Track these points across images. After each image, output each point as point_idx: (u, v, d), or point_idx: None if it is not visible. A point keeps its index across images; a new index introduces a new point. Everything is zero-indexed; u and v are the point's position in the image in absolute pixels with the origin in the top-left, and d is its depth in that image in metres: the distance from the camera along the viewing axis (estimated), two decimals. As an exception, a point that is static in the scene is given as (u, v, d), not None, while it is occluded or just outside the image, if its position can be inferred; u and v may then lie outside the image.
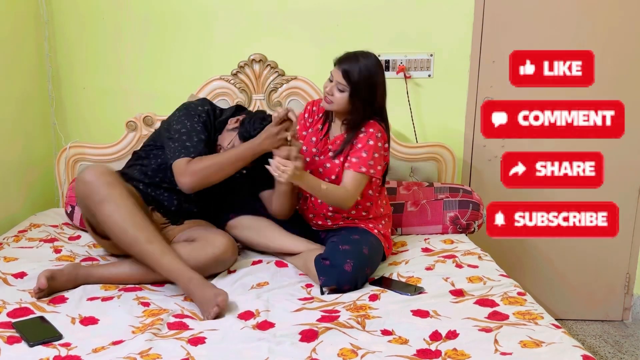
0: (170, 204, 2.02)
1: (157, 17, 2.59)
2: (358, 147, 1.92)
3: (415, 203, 2.35)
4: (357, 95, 1.88)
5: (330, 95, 1.91)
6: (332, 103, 1.91)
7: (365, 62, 1.88)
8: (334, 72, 1.91)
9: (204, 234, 1.91)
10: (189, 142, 1.89)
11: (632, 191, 2.71)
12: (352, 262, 1.78)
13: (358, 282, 1.79)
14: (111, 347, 1.39)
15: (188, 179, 1.83)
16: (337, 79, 1.88)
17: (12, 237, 2.15)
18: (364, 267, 1.83)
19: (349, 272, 1.76)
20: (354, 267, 1.77)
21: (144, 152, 2.08)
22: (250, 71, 2.52)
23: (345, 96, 1.88)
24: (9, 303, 1.62)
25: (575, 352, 1.34)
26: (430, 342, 1.42)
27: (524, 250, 2.80)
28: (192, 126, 1.93)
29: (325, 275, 1.77)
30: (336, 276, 1.76)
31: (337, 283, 1.75)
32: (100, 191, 1.72)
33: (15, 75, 2.44)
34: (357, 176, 1.90)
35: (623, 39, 2.55)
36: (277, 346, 1.40)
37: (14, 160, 2.42)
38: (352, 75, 1.85)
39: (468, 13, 2.56)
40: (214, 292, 1.61)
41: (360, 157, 1.91)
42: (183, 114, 1.98)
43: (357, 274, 1.78)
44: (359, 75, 1.85)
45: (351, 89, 1.87)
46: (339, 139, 2.00)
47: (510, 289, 1.75)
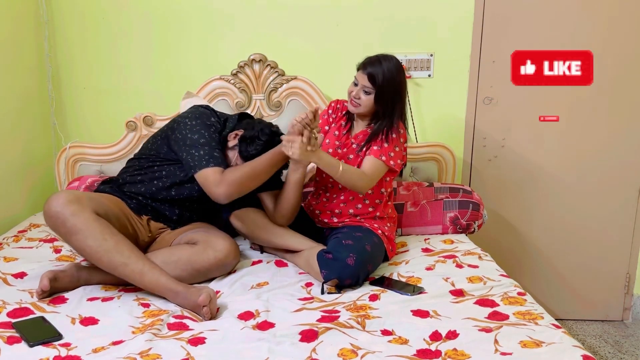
0: (172, 214, 2.01)
1: (157, 17, 2.59)
2: (381, 139, 1.99)
3: (415, 203, 2.35)
4: (382, 97, 1.95)
5: (357, 98, 1.98)
6: (359, 106, 1.99)
7: (388, 64, 1.95)
8: (358, 77, 1.97)
9: (205, 237, 1.89)
10: (216, 153, 1.88)
11: (632, 191, 2.71)
12: (354, 256, 1.79)
13: (360, 277, 1.80)
14: (111, 347, 1.39)
15: (224, 189, 1.83)
16: (363, 83, 1.95)
17: (12, 237, 2.16)
18: (366, 263, 1.84)
19: (352, 266, 1.77)
20: (356, 262, 1.78)
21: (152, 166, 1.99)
22: (250, 71, 2.52)
23: (371, 99, 1.96)
24: (9, 303, 1.62)
25: (575, 352, 1.34)
26: (430, 342, 1.42)
27: (524, 250, 2.80)
28: (210, 137, 1.92)
29: (327, 269, 1.78)
30: (338, 269, 1.77)
31: (339, 276, 1.76)
32: (66, 223, 1.66)
33: (15, 75, 2.44)
34: (376, 163, 1.96)
35: (623, 39, 2.55)
36: (277, 346, 1.40)
37: (14, 160, 2.42)
38: (377, 78, 1.92)
39: (468, 13, 2.56)
40: (197, 295, 1.60)
41: (382, 146, 1.98)
42: (199, 124, 1.93)
43: (359, 269, 1.79)
44: (384, 78, 1.93)
45: (377, 92, 1.94)
46: (362, 134, 2.06)
47: (510, 289, 1.75)
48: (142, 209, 1.96)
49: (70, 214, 1.65)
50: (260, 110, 2.55)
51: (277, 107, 2.55)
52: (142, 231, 1.95)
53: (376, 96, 1.95)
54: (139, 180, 1.97)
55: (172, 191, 1.95)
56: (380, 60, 1.96)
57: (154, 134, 2.09)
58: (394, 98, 1.97)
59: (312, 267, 1.85)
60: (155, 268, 1.70)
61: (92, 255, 1.68)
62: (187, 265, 1.79)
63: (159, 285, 1.68)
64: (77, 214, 1.66)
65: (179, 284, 1.68)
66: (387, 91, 1.94)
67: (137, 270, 1.67)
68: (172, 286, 1.67)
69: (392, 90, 1.95)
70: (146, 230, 1.96)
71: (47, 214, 1.69)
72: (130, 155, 2.52)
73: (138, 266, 1.67)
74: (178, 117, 2.00)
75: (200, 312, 1.58)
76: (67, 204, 1.67)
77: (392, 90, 1.95)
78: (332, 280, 1.76)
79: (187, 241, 1.91)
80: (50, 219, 1.69)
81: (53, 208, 1.67)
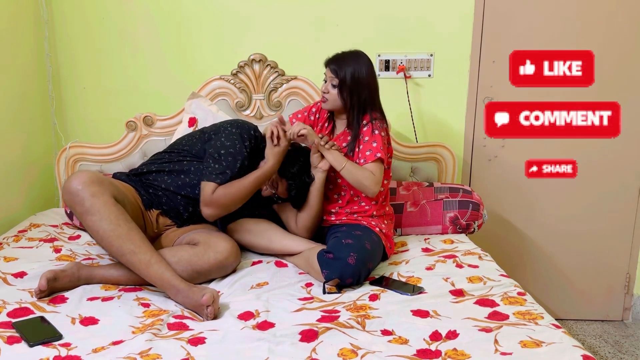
0: (185, 211, 2.02)
1: (157, 17, 2.59)
2: (366, 140, 2.00)
3: (415, 203, 2.35)
4: (345, 88, 1.99)
5: (325, 93, 2.04)
6: (327, 101, 2.05)
7: (351, 57, 2.03)
8: (326, 73, 2.05)
9: (206, 238, 1.89)
10: (229, 170, 1.92)
11: (632, 191, 2.71)
12: (355, 255, 1.80)
13: (361, 275, 1.81)
14: (111, 347, 1.39)
15: (211, 211, 1.92)
16: (329, 76, 2.03)
17: (12, 237, 2.16)
18: (367, 262, 1.84)
19: (352, 265, 1.78)
20: (357, 260, 1.79)
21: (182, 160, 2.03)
22: (250, 71, 2.53)
23: (336, 91, 2.01)
24: (9, 303, 1.62)
25: (575, 352, 1.34)
26: (430, 342, 1.42)
27: (524, 250, 2.80)
28: (237, 151, 1.95)
29: (328, 269, 1.78)
30: (339, 269, 1.77)
31: (340, 276, 1.76)
32: (84, 203, 1.68)
33: (15, 75, 2.44)
34: (376, 163, 1.98)
35: (623, 39, 2.55)
36: (277, 346, 1.40)
37: (13, 160, 2.42)
38: (339, 71, 2.00)
39: (468, 13, 2.56)
40: (200, 294, 1.60)
41: (372, 147, 1.99)
42: (236, 133, 1.97)
43: (360, 268, 1.79)
44: (346, 70, 1.99)
45: (339, 83, 1.99)
46: (341, 136, 2.08)
47: (510, 289, 1.75)
48: (154, 202, 1.98)
49: (90, 195, 1.68)
50: (260, 110, 2.55)
51: (277, 107, 2.55)
52: (150, 225, 1.96)
53: (339, 87, 1.99)
54: (167, 171, 2.01)
55: (197, 189, 1.97)
56: (344, 54, 2.04)
57: (190, 133, 2.15)
58: (359, 90, 2.00)
59: (313, 267, 1.85)
60: (161, 262, 1.71)
61: (103, 238, 1.69)
62: (187, 266, 1.79)
63: (162, 280, 1.68)
64: (96, 196, 1.68)
65: (182, 282, 1.69)
66: (350, 83, 1.98)
67: (144, 260, 1.69)
68: (175, 283, 1.67)
69: (356, 82, 1.99)
70: (154, 225, 1.98)
71: (66, 189, 1.72)
72: (131, 155, 2.53)
73: (146, 257, 1.69)
74: (221, 123, 2.06)
75: (202, 312, 1.58)
76: (89, 184, 1.69)
77: (355, 82, 1.99)
78: (334, 280, 1.77)
79: (189, 241, 1.92)
80: (70, 195, 1.71)
81: (74, 186, 1.69)
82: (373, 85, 2.04)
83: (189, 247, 1.86)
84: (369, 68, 2.03)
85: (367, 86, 2.01)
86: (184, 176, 2.00)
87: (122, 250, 1.68)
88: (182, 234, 1.98)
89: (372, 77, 2.04)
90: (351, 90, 1.99)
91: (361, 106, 2.02)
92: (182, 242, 1.93)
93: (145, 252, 1.69)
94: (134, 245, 1.69)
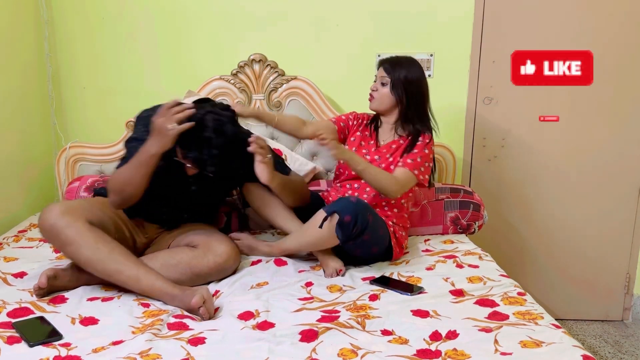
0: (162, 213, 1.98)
1: (157, 17, 2.59)
2: (414, 152, 2.02)
3: (416, 203, 2.35)
4: (397, 87, 2.01)
5: (374, 91, 2.06)
6: (374, 99, 2.06)
7: (406, 59, 2.06)
8: (378, 72, 2.07)
9: (205, 241, 1.87)
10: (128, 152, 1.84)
11: (632, 191, 2.71)
12: (357, 200, 1.82)
13: (358, 219, 1.78)
14: (111, 347, 1.39)
15: (109, 198, 1.80)
16: (380, 75, 2.06)
17: (12, 237, 2.16)
18: (366, 213, 1.82)
19: (353, 203, 1.80)
20: (358, 202, 1.81)
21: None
22: (250, 71, 2.52)
23: (387, 90, 2.03)
24: (9, 303, 1.62)
25: (575, 352, 1.34)
26: (430, 342, 1.42)
27: (524, 250, 2.80)
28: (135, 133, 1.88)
29: (329, 207, 1.81)
30: (340, 205, 1.79)
31: (340, 209, 1.78)
32: (59, 236, 1.67)
33: (15, 75, 2.44)
34: (409, 174, 2.00)
35: (623, 39, 2.55)
36: (277, 346, 1.40)
37: (13, 160, 2.42)
38: (392, 68, 2.02)
39: (468, 13, 2.56)
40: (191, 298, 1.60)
41: (415, 160, 2.01)
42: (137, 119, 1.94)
43: (358, 210, 1.79)
44: (400, 69, 2.01)
45: (392, 81, 2.01)
46: (394, 144, 2.08)
47: (510, 289, 1.75)
48: (133, 212, 1.95)
49: (64, 226, 1.66)
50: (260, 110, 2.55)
51: (277, 107, 2.55)
52: (139, 233, 1.94)
53: (391, 86, 2.01)
54: None
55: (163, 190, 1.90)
56: (398, 56, 2.08)
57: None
58: (411, 91, 2.01)
59: (313, 223, 1.83)
60: (150, 272, 1.70)
61: (87, 264, 1.69)
62: (186, 269, 1.78)
63: (154, 290, 1.68)
64: (70, 225, 1.67)
65: (175, 287, 1.68)
66: (403, 82, 2.00)
67: (132, 276, 1.68)
68: (168, 290, 1.67)
69: (408, 82, 2.01)
70: (142, 232, 1.96)
71: (42, 227, 1.70)
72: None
73: (132, 272, 1.68)
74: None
75: (197, 314, 1.58)
76: (60, 216, 1.68)
77: (407, 82, 2.01)
78: (333, 215, 1.77)
79: (187, 243, 1.90)
80: (46, 232, 1.70)
81: (47, 222, 1.68)
82: (426, 92, 2.06)
83: (188, 250, 1.85)
84: (423, 74, 2.05)
85: (419, 90, 2.04)
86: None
87: (108, 272, 1.68)
88: (177, 236, 1.96)
89: (425, 85, 2.05)
90: (405, 88, 2.01)
91: (416, 106, 2.03)
92: (181, 244, 1.92)
93: (131, 268, 1.68)
94: (118, 264, 1.67)
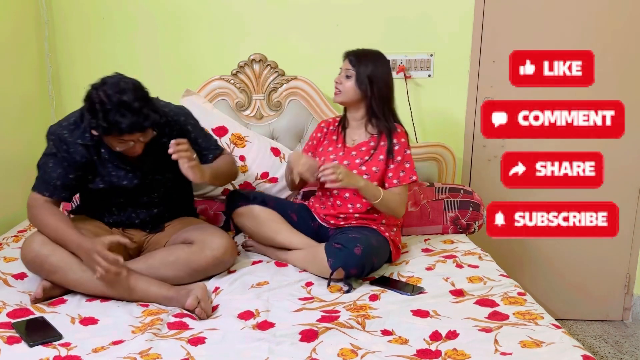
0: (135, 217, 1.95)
1: (157, 17, 2.59)
2: (398, 160, 2.00)
3: (416, 203, 2.35)
4: (362, 80, 1.97)
5: (338, 84, 2.03)
6: (340, 92, 2.02)
7: (372, 52, 2.04)
8: (343, 64, 2.04)
9: (201, 236, 1.87)
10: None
11: (632, 191, 2.71)
12: (361, 247, 1.81)
13: (365, 267, 1.81)
14: (111, 347, 1.39)
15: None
16: (345, 67, 2.02)
17: (12, 237, 2.16)
18: (372, 255, 1.85)
19: (358, 255, 1.78)
20: (363, 252, 1.80)
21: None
22: (250, 71, 2.52)
23: (352, 83, 1.99)
24: (9, 304, 1.62)
25: (575, 352, 1.34)
26: (430, 342, 1.42)
27: (524, 250, 2.80)
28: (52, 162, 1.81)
29: (334, 257, 1.78)
30: (344, 258, 1.77)
31: (344, 264, 1.76)
32: (44, 265, 1.67)
33: (15, 75, 2.44)
34: (406, 188, 2.02)
35: (623, 39, 2.55)
36: (277, 346, 1.40)
37: (13, 160, 2.41)
38: (358, 61, 1.99)
39: (468, 13, 2.56)
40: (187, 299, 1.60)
41: (405, 169, 2.00)
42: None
43: (365, 260, 1.80)
44: (366, 62, 1.99)
45: (356, 73, 1.98)
46: (364, 146, 2.05)
47: (510, 289, 1.75)
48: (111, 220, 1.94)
49: (48, 254, 1.67)
50: (260, 110, 2.55)
51: (277, 107, 2.55)
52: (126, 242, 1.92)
53: (356, 79, 1.97)
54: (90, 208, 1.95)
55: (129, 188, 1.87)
56: (365, 49, 2.04)
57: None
58: (377, 85, 1.98)
59: (316, 259, 1.84)
60: (141, 279, 1.70)
61: (77, 287, 1.69)
62: (184, 266, 1.79)
63: (149, 297, 1.69)
64: (53, 253, 1.68)
65: (170, 289, 1.69)
66: (371, 74, 1.97)
67: (126, 289, 1.68)
68: (163, 293, 1.68)
69: (373, 75, 1.97)
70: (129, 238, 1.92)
71: (26, 259, 1.71)
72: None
73: (124, 284, 1.68)
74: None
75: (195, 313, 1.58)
76: (42, 244, 1.69)
77: (373, 75, 1.97)
78: (338, 270, 1.76)
79: (183, 240, 1.89)
80: (31, 263, 1.71)
81: (31, 253, 1.69)
82: (391, 86, 2.04)
83: (185, 246, 1.84)
84: (389, 70, 2.04)
85: (387, 84, 2.02)
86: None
87: (100, 289, 1.68)
88: (174, 233, 1.95)
89: (391, 79, 2.04)
90: (371, 81, 1.98)
91: (382, 102, 2.00)
92: (177, 242, 1.91)
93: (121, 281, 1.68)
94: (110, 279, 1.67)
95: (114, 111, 1.63)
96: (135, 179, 1.86)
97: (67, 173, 1.79)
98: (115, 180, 1.84)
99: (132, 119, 1.64)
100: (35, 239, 1.71)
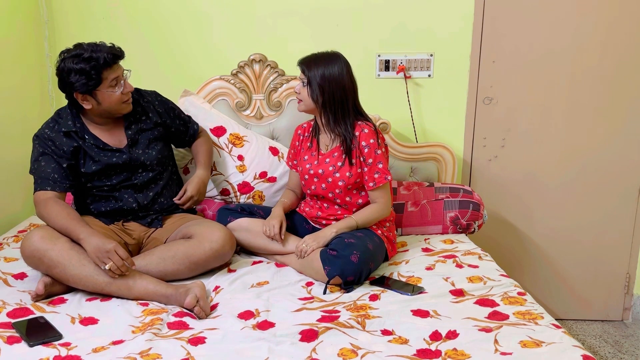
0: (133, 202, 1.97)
1: (157, 17, 2.59)
2: (370, 163, 1.96)
3: (416, 203, 2.35)
4: (313, 87, 1.95)
5: (297, 93, 2.02)
6: (301, 102, 2.01)
7: (324, 55, 1.99)
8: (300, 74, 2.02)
9: (199, 230, 1.88)
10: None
11: (632, 191, 2.71)
12: (358, 253, 1.79)
13: (362, 274, 1.80)
14: (111, 347, 1.39)
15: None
16: (300, 76, 2.00)
17: (12, 237, 2.16)
18: (369, 261, 1.84)
19: (355, 263, 1.77)
20: (359, 259, 1.79)
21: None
22: (250, 71, 2.53)
23: (306, 90, 1.97)
24: (9, 303, 1.62)
25: (575, 352, 1.34)
26: (430, 342, 1.42)
27: (524, 250, 2.80)
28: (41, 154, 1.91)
29: (330, 265, 1.78)
30: (341, 266, 1.77)
31: (341, 272, 1.76)
32: (43, 260, 1.68)
33: (15, 75, 2.44)
34: (385, 187, 1.99)
35: (623, 39, 2.55)
36: (277, 346, 1.40)
37: (13, 160, 2.41)
38: (307, 69, 1.96)
39: (468, 13, 2.56)
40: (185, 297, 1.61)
41: (379, 169, 1.97)
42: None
43: (362, 266, 1.79)
44: (315, 68, 1.95)
45: (308, 80, 1.96)
46: (336, 151, 2.02)
47: (510, 288, 1.75)
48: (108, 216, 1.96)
49: (47, 249, 1.68)
50: (260, 110, 2.55)
51: (277, 107, 2.55)
52: (125, 236, 1.94)
53: (308, 85, 1.95)
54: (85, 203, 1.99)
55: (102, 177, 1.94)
56: (316, 54, 2.00)
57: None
58: (332, 88, 1.93)
59: (312, 265, 1.84)
60: (140, 277, 1.71)
61: (77, 282, 1.70)
62: (184, 259, 1.79)
63: (148, 294, 1.69)
64: (52, 248, 1.68)
65: (169, 287, 1.69)
66: (320, 81, 1.93)
67: (123, 285, 1.69)
68: (162, 291, 1.68)
69: (326, 80, 1.93)
70: (128, 234, 1.95)
71: (26, 254, 1.72)
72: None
73: (122, 281, 1.69)
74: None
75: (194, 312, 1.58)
76: (42, 239, 1.69)
77: (325, 80, 1.93)
78: (335, 277, 1.76)
79: (183, 236, 1.91)
80: (29, 258, 1.71)
81: (30, 247, 1.70)
82: (349, 87, 1.96)
83: (184, 241, 1.86)
84: (343, 69, 1.95)
85: (341, 86, 1.95)
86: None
87: (99, 286, 1.69)
88: (174, 230, 1.96)
89: (348, 78, 1.97)
90: (322, 87, 1.93)
91: (337, 106, 1.95)
92: (177, 238, 1.92)
93: (120, 278, 1.69)
94: (106, 276, 1.68)
95: (88, 51, 1.80)
96: (124, 155, 1.95)
97: (60, 164, 1.88)
98: (106, 160, 1.92)
99: (107, 48, 1.84)
100: (36, 233, 1.72)
